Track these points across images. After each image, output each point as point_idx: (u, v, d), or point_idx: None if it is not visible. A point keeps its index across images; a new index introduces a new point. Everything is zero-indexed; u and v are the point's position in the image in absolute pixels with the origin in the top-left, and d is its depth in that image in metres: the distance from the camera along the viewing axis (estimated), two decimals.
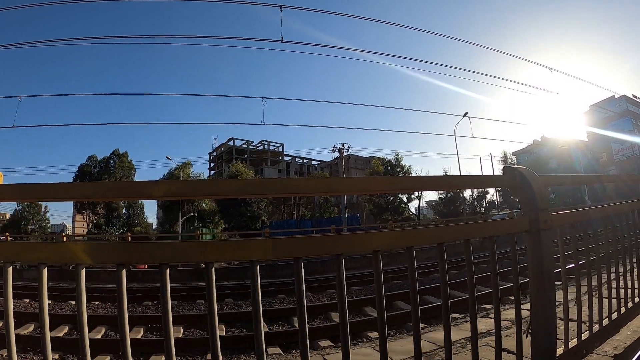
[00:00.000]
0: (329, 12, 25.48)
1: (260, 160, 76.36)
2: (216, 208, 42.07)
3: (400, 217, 38.83)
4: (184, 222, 41.36)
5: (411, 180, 2.63)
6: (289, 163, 79.28)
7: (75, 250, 1.24)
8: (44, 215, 49.54)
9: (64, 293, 10.72)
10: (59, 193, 1.48)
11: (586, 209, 2.57)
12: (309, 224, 35.00)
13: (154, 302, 9.56)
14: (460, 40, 22.37)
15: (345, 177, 2.95)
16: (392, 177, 3.46)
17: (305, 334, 1.30)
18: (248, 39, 18.94)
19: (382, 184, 3.21)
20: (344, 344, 1.34)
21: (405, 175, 36.44)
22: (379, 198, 40.02)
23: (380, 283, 1.42)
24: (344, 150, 36.92)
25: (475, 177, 1.87)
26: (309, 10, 20.55)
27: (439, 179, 1.71)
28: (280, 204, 49.31)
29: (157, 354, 5.36)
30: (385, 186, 3.19)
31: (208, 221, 41.65)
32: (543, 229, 1.95)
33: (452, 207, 44.17)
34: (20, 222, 46.87)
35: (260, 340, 1.25)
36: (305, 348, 1.30)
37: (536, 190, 1.98)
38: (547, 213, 1.99)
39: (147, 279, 14.49)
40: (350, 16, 37.04)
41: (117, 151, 48.41)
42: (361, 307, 7.59)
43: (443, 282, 1.65)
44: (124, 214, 48.11)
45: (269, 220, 41.92)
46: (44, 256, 1.24)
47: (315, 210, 46.68)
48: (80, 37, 12.10)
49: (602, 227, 2.70)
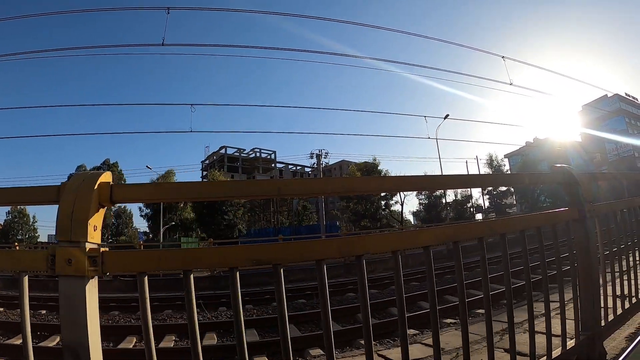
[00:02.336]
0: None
1: (253, 168, 76.37)
2: (194, 217, 41.99)
3: (379, 224, 38.82)
4: (167, 230, 41.70)
5: (440, 179, 2.74)
6: (282, 170, 79.44)
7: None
8: (32, 225, 48.99)
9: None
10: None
11: (622, 200, 2.96)
12: (288, 231, 35.03)
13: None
14: (440, 40, 22.86)
15: (332, 177, 2.85)
16: (403, 176, 3.42)
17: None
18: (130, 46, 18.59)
19: (389, 184, 2.68)
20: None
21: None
22: (357, 205, 40.13)
23: (325, 295, 1.37)
24: (322, 156, 37.19)
25: (524, 175, 2.11)
26: (195, 9, 19.21)
27: (484, 178, 1.91)
28: (259, 212, 49.42)
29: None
30: (394, 186, 2.69)
31: (190, 230, 41.86)
32: (589, 217, 2.30)
33: (433, 213, 44.36)
34: (9, 232, 46.33)
35: (242, 347, 1.27)
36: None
37: (582, 185, 2.34)
38: (591, 204, 2.35)
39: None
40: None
41: (108, 161, 48.22)
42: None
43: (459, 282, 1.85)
44: (112, 223, 47.89)
45: (246, 229, 41.84)
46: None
47: (294, 218, 46.78)
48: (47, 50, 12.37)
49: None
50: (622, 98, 50.25)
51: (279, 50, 15.81)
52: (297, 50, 16.93)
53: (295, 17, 23.14)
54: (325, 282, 1.37)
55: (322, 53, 25.89)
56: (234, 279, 1.27)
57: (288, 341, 1.30)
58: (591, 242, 2.30)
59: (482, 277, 1.79)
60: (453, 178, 3.29)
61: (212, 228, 38.97)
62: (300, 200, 46.97)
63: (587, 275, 2.29)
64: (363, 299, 1.43)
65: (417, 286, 10.88)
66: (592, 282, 2.28)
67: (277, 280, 1.31)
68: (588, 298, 2.29)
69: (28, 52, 15.14)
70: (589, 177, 2.45)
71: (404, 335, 1.48)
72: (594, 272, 2.30)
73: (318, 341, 5.62)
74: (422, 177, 3.58)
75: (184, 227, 43.27)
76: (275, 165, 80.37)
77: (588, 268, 2.29)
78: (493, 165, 45.54)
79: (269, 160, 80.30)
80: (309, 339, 5.81)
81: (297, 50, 16.26)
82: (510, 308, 1.87)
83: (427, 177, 3.64)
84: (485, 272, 1.79)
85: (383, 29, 39.05)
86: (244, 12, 11.90)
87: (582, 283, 2.30)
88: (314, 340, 5.72)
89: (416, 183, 2.16)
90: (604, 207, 2.59)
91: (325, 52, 36.10)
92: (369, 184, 2.65)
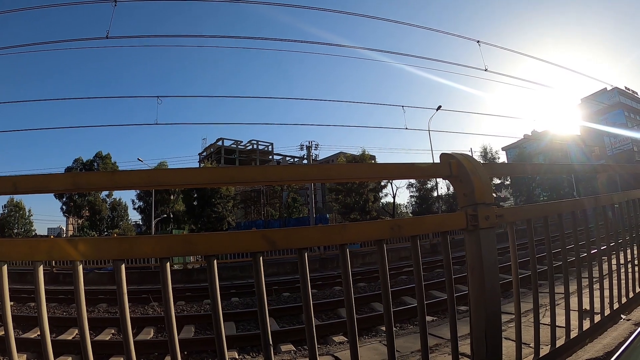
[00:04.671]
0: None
1: (250, 160, 75.67)
2: (184, 209, 42.01)
3: (368, 217, 38.04)
4: (160, 223, 41.48)
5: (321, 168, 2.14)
6: (279, 162, 78.67)
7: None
8: (28, 218, 48.77)
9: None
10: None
11: (537, 204, 2.25)
12: (277, 224, 34.56)
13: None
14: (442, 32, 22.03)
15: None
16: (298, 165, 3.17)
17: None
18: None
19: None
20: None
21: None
22: (347, 198, 39.52)
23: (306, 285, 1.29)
24: (312, 148, 36.57)
25: (404, 166, 1.54)
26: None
27: (363, 167, 1.40)
28: (249, 205, 49.04)
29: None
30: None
31: (182, 222, 41.82)
32: (482, 228, 1.62)
33: (424, 206, 43.60)
34: (5, 225, 46.15)
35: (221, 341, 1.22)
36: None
37: (475, 181, 1.65)
38: (489, 208, 1.67)
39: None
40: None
41: (100, 153, 47.90)
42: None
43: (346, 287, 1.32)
44: (108, 216, 47.61)
45: (235, 221, 41.45)
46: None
47: (283, 210, 46.25)
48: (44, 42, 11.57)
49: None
50: (621, 91, 49.34)
51: (274, 40, 14.98)
52: (289, 40, 16.15)
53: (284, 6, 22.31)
54: (307, 272, 1.30)
55: (311, 43, 25.05)
56: (164, 271, 1.22)
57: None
58: (486, 263, 1.61)
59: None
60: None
61: (202, 220, 38.67)
62: (290, 192, 46.38)
63: (478, 311, 1.62)
64: (347, 292, 1.37)
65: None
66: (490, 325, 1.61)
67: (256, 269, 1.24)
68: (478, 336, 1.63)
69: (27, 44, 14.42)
70: (487, 170, 1.76)
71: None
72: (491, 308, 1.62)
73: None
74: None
75: (175, 219, 43.45)
76: (273, 157, 79.60)
77: (480, 300, 1.62)
78: (487, 158, 44.59)
79: (267, 152, 79.51)
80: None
81: (289, 40, 15.52)
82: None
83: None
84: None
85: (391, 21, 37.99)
86: (240, 2, 11.20)
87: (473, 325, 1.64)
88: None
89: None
90: (509, 214, 1.86)
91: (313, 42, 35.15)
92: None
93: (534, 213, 2.04)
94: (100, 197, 46.69)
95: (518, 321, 1.88)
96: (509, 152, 54.13)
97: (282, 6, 11.55)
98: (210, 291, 1.22)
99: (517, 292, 1.90)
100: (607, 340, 2.22)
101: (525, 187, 42.23)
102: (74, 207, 45.36)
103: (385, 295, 1.44)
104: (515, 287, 1.91)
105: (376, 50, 42.93)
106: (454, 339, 1.63)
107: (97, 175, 1.41)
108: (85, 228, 44.71)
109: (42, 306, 1.21)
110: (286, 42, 15.95)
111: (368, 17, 33.17)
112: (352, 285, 1.38)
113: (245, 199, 47.31)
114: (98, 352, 5.56)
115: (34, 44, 13.35)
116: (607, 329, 2.36)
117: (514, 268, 1.91)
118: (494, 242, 1.67)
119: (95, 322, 7.19)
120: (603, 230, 2.60)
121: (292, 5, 12.51)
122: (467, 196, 1.67)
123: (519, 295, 1.89)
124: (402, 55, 33.82)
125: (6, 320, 1.23)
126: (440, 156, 1.80)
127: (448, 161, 1.72)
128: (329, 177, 1.53)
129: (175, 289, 11.08)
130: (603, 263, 2.45)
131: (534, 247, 2.02)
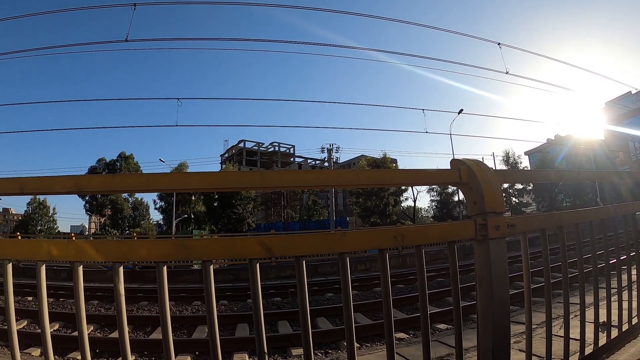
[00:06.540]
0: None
1: (271, 162, 76.01)
2: (205, 210, 42.55)
3: (388, 220, 37.66)
4: (180, 223, 42.12)
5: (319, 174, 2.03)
6: (301, 164, 78.85)
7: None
8: (51, 216, 50.14)
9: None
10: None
11: (553, 213, 2.16)
12: (297, 226, 34.50)
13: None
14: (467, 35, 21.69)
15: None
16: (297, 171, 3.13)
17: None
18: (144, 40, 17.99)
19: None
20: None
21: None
22: (367, 201, 39.19)
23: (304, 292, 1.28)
24: (333, 151, 36.56)
25: (410, 172, 1.48)
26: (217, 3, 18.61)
27: (364, 174, 1.36)
28: (269, 207, 49.16)
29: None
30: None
31: (203, 223, 42.25)
32: (492, 238, 1.56)
33: (445, 210, 43.00)
34: (29, 223, 47.58)
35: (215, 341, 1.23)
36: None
37: (485, 189, 1.60)
38: (499, 217, 1.60)
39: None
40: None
41: (124, 153, 48.87)
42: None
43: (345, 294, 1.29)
44: (129, 215, 48.50)
45: (255, 222, 41.67)
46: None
47: (304, 212, 46.25)
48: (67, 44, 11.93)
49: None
50: None
51: (301, 44, 14.97)
52: (317, 44, 16.18)
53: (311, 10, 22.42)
54: (304, 279, 1.28)
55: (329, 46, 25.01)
56: (161, 274, 1.22)
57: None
58: (495, 277, 1.55)
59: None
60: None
61: (222, 221, 39.14)
62: (310, 195, 46.44)
63: (486, 325, 1.56)
64: (345, 299, 1.34)
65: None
66: (498, 339, 1.55)
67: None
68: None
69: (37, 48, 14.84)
70: (500, 176, 1.69)
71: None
72: (498, 317, 1.56)
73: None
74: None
75: (196, 219, 44.10)
76: (294, 159, 79.79)
77: (487, 308, 1.56)
78: (509, 162, 43.67)
79: (288, 154, 79.74)
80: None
81: (317, 44, 15.56)
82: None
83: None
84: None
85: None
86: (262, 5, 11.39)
87: (480, 338, 1.58)
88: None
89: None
90: (522, 224, 1.78)
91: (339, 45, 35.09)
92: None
93: (548, 223, 1.94)
94: (122, 197, 47.65)
95: (529, 335, 1.80)
96: (532, 156, 52.93)
97: (309, 10, 11.54)
98: (206, 295, 1.21)
99: (528, 304, 1.83)
100: (624, 357, 2.12)
101: (547, 192, 41.22)
102: (97, 205, 46.41)
103: (385, 304, 1.40)
104: (527, 300, 1.84)
105: (396, 54, 42.39)
106: (459, 354, 1.57)
107: (97, 179, 1.43)
108: (107, 227, 45.70)
109: (43, 303, 1.26)
110: (314, 45, 16.02)
111: (389, 20, 32.92)
112: (351, 295, 1.34)
113: (266, 200, 47.73)
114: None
115: (58, 46, 13.70)
116: (625, 345, 2.25)
117: (525, 280, 1.84)
118: (504, 252, 1.60)
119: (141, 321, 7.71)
120: (623, 239, 2.47)
121: (318, 9, 12.53)
122: (477, 204, 1.61)
123: (530, 308, 1.82)
124: (424, 59, 33.41)
125: (9, 315, 1.29)
126: (451, 162, 1.75)
127: (458, 167, 1.66)
128: (327, 182, 1.51)
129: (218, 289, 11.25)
130: (622, 274, 2.34)
131: (548, 258, 1.94)
